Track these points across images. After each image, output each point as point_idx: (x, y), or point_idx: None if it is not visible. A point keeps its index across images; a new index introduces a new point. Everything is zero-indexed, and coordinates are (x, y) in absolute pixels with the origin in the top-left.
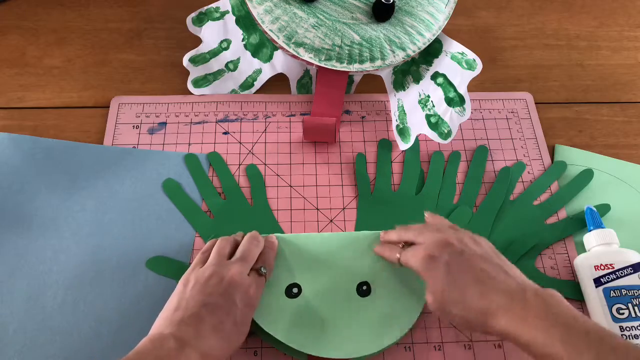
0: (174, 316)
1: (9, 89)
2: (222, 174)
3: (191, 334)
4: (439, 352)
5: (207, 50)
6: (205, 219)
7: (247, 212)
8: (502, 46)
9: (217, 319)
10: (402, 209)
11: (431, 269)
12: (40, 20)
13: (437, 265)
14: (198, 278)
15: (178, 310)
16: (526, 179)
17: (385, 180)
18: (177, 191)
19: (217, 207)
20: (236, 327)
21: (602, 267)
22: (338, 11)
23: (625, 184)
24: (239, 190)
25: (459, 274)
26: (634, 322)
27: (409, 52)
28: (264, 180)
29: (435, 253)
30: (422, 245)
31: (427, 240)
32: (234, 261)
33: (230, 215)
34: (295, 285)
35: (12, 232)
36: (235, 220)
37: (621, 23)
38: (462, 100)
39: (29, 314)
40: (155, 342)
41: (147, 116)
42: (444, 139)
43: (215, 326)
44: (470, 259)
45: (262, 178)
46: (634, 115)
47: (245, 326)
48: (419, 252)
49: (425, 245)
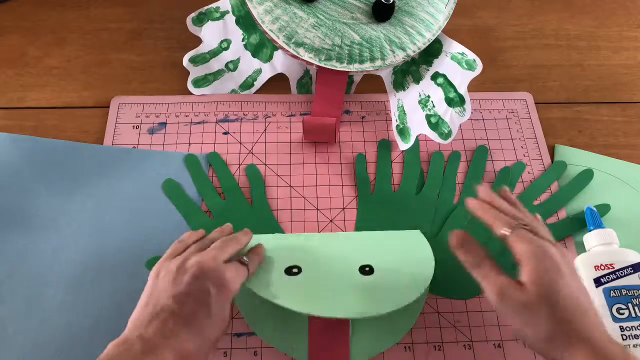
0: (144, 313)
1: (9, 89)
2: (222, 174)
3: (160, 332)
4: (439, 352)
5: (207, 50)
6: (204, 219)
7: (247, 212)
8: (502, 46)
9: (189, 311)
10: (402, 209)
11: (547, 270)
12: (40, 20)
13: (555, 269)
14: (169, 268)
15: (148, 306)
16: (526, 179)
17: (385, 181)
18: (176, 191)
19: (216, 207)
20: (211, 319)
21: (602, 267)
22: (338, 11)
23: (625, 184)
24: (239, 191)
25: (566, 289)
26: (634, 322)
27: (409, 52)
28: (263, 180)
29: (557, 258)
30: (546, 239)
31: (548, 238)
32: (210, 249)
33: (230, 216)
34: (295, 267)
35: (12, 232)
36: (235, 221)
37: (621, 23)
38: (462, 101)
39: (29, 314)
40: (120, 347)
41: (147, 116)
42: (444, 139)
43: (186, 320)
44: (579, 282)
45: (261, 178)
46: (634, 115)
47: (221, 318)
48: (543, 245)
49: (549, 243)
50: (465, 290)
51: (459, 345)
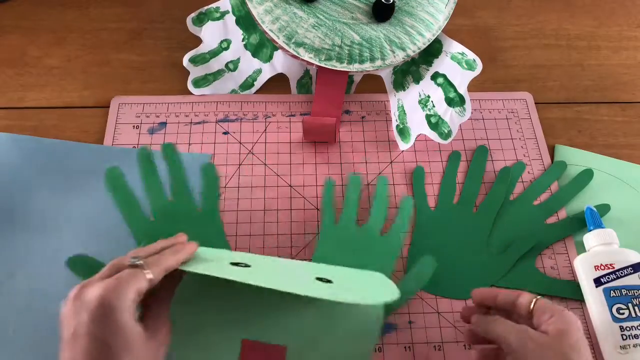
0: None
1: (9, 89)
2: (174, 169)
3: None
4: (439, 352)
5: (207, 50)
6: (141, 218)
7: (192, 218)
8: (502, 46)
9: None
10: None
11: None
12: (40, 20)
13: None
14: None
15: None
16: (526, 179)
17: (351, 211)
18: (118, 182)
19: (159, 208)
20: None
21: (602, 267)
22: (338, 11)
23: (625, 184)
24: (188, 191)
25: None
26: (634, 322)
27: (409, 52)
28: (218, 182)
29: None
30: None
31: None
32: (121, 274)
33: (172, 219)
34: (242, 264)
35: (13, 232)
36: (177, 225)
37: (621, 23)
38: (462, 101)
39: (29, 314)
40: None
41: (147, 116)
42: (444, 139)
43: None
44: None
45: (216, 179)
46: (634, 115)
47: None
48: (571, 315)
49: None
50: (466, 290)
51: (459, 345)
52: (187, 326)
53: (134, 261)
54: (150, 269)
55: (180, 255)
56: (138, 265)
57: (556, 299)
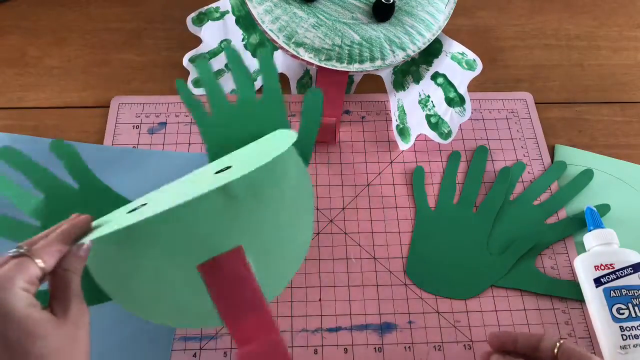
0: None
1: (9, 89)
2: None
3: None
4: (439, 352)
5: (207, 50)
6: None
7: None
8: (502, 46)
9: None
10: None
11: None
12: (40, 20)
13: None
14: None
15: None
16: (526, 179)
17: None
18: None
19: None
20: None
21: (602, 267)
22: (338, 11)
23: (625, 184)
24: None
25: None
26: (634, 322)
27: (409, 52)
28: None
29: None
30: None
31: None
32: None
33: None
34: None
35: None
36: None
37: (621, 23)
38: (462, 101)
39: None
40: None
41: (147, 116)
42: (444, 139)
43: None
44: None
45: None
46: (634, 115)
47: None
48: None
49: None
50: (465, 290)
51: (459, 345)
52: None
53: (17, 251)
54: (38, 256)
55: (67, 231)
56: (23, 254)
57: (556, 299)
